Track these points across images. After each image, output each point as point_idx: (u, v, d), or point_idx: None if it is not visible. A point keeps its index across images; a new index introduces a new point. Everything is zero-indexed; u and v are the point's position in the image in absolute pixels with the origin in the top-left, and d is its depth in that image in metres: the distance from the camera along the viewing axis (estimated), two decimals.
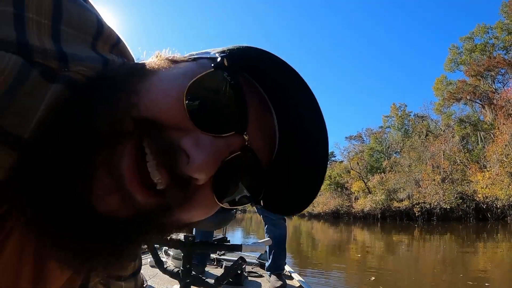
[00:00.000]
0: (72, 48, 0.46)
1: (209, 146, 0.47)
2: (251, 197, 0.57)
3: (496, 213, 33.25)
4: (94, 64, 0.48)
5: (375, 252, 12.89)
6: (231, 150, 0.50)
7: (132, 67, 0.54)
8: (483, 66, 42.75)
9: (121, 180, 0.43)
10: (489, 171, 33.58)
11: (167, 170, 0.45)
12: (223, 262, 4.26)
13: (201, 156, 0.45)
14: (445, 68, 50.21)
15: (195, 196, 0.50)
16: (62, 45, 0.45)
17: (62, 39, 0.46)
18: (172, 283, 2.88)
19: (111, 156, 0.43)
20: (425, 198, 38.97)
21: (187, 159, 0.45)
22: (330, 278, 7.72)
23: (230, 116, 0.50)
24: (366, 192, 51.35)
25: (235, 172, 0.52)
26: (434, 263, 9.98)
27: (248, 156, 0.52)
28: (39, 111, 0.41)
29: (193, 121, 0.47)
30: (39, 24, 0.44)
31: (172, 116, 0.46)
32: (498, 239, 18.04)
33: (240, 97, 0.50)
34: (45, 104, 0.42)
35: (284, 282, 3.65)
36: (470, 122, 44.21)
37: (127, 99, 0.45)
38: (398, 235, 21.54)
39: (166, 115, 0.46)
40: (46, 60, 0.43)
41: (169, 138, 0.46)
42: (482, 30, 45.71)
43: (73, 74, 0.45)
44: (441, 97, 49.29)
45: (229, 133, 0.49)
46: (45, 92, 0.42)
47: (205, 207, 0.53)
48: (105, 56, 0.52)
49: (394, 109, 60.35)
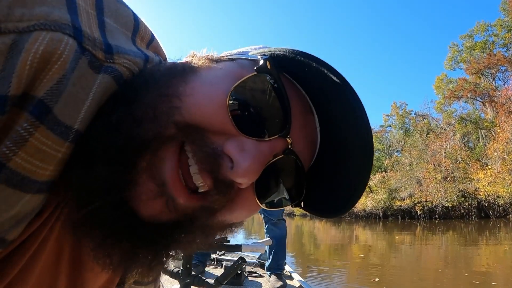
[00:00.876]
0: (116, 40, 0.46)
1: (254, 151, 0.46)
2: (292, 199, 0.57)
3: (498, 211, 33.17)
4: (137, 59, 0.48)
5: (378, 251, 12.87)
6: (275, 153, 0.50)
7: (172, 67, 0.52)
8: (484, 64, 42.64)
9: (164, 185, 0.44)
10: (491, 169, 33.48)
11: (211, 175, 0.45)
12: (223, 262, 4.27)
13: (246, 161, 0.45)
14: (446, 66, 50.13)
15: (237, 199, 0.50)
16: (108, 37, 0.44)
17: (107, 30, 0.45)
18: (172, 283, 2.89)
19: (153, 161, 0.44)
20: (427, 197, 38.84)
21: (231, 164, 0.45)
22: (332, 279, 7.71)
23: (273, 120, 0.49)
24: (368, 191, 51.19)
25: (278, 175, 0.53)
26: (437, 262, 9.97)
27: (291, 159, 0.52)
28: (87, 101, 0.40)
29: (237, 126, 0.46)
30: (87, 13, 0.43)
31: (215, 121, 0.46)
32: (501, 236, 18.00)
33: (283, 100, 0.49)
34: (93, 94, 0.41)
35: (284, 282, 3.65)
36: (471, 120, 44.08)
37: (170, 103, 0.45)
38: (400, 234, 21.49)
39: (209, 120, 0.46)
40: (95, 49, 0.42)
41: (213, 143, 0.46)
42: (482, 28, 45.59)
43: (118, 66, 0.44)
44: (442, 95, 49.18)
45: (273, 137, 0.49)
46: (92, 83, 0.41)
47: (247, 209, 0.53)
48: (145, 52, 0.51)
49: (395, 107, 60.23)
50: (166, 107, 0.44)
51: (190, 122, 0.45)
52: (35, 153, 0.37)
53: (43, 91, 0.36)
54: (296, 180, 0.55)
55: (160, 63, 0.54)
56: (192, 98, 0.46)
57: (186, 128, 0.45)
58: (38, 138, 0.37)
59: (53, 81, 0.37)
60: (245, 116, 0.48)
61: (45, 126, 0.37)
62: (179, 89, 0.46)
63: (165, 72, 0.50)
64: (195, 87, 0.47)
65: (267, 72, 0.49)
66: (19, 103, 0.36)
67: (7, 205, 0.37)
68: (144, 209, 0.44)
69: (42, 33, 0.36)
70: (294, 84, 0.54)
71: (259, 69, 0.49)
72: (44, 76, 0.36)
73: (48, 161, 0.39)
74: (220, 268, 4.18)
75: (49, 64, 0.36)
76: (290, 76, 0.54)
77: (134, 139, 0.42)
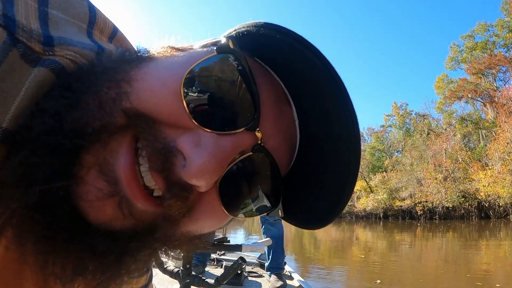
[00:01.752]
0: (62, 32, 0.41)
1: (211, 146, 0.39)
2: (266, 207, 0.48)
3: (498, 211, 33.18)
4: (86, 51, 0.42)
5: (378, 252, 12.87)
6: (241, 150, 0.42)
7: (126, 54, 0.46)
8: (484, 64, 42.67)
9: (116, 183, 0.37)
10: (491, 169, 33.54)
11: (162, 175, 0.38)
12: (223, 262, 4.28)
13: (200, 158, 0.38)
14: (446, 67, 50.13)
15: (199, 206, 0.43)
16: (50, 29, 0.40)
17: (49, 22, 0.40)
18: (172, 283, 2.90)
19: (104, 154, 0.38)
20: (427, 197, 38.91)
21: (184, 162, 0.38)
22: (333, 279, 7.71)
23: (238, 110, 0.42)
24: (368, 192, 51.25)
25: (247, 177, 0.45)
26: (438, 263, 9.96)
27: (262, 157, 0.44)
28: (18, 97, 0.36)
29: (193, 116, 0.40)
30: (26, 3, 0.39)
31: (168, 110, 0.39)
32: (501, 237, 18.00)
33: (249, 85, 0.42)
34: (26, 89, 0.36)
35: (284, 282, 3.66)
36: (472, 120, 44.11)
37: (118, 87, 0.39)
38: (400, 234, 21.51)
39: (161, 109, 0.39)
40: (30, 41, 0.37)
41: (165, 136, 0.39)
42: (482, 28, 45.61)
43: (60, 59, 0.39)
44: (443, 96, 49.21)
45: (238, 130, 0.41)
46: (25, 76, 0.36)
47: (213, 218, 0.45)
48: (101, 44, 0.46)
49: (395, 107, 60.25)
50: (113, 93, 0.38)
51: (140, 110, 0.38)
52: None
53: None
54: (271, 183, 0.47)
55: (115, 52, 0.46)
56: (143, 83, 0.40)
57: (137, 117, 0.38)
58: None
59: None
60: (203, 106, 0.41)
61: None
62: (130, 74, 0.40)
63: (117, 58, 0.44)
64: (147, 71, 0.41)
65: (229, 52, 0.43)
66: None
67: None
68: (93, 212, 0.37)
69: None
70: (265, 69, 0.47)
71: (219, 49, 0.43)
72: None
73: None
74: (220, 268, 4.19)
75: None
76: (261, 58, 0.47)
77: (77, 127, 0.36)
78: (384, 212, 45.58)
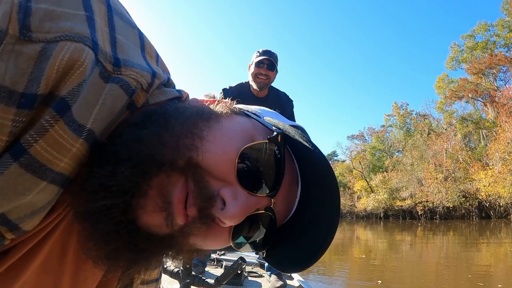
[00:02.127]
0: (126, 55, 0.51)
1: (244, 201, 0.54)
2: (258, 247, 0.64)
3: (499, 211, 33.19)
4: (144, 72, 0.53)
5: (378, 252, 12.87)
6: (258, 207, 0.58)
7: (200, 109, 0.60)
8: (485, 64, 42.61)
9: (170, 204, 0.50)
10: (492, 169, 33.51)
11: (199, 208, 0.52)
12: (223, 262, 4.27)
13: (236, 207, 0.52)
14: (447, 66, 50.00)
15: (213, 231, 0.56)
16: (117, 52, 0.50)
17: (118, 45, 0.51)
18: (172, 283, 2.90)
19: (166, 182, 0.51)
20: (428, 197, 38.95)
21: (222, 206, 0.53)
22: (333, 280, 7.70)
23: (267, 182, 0.57)
24: (369, 191, 51.33)
25: (254, 224, 0.60)
26: (439, 263, 9.94)
27: (269, 216, 0.59)
28: (97, 105, 0.46)
29: (238, 178, 0.54)
30: (102, 29, 0.48)
31: (222, 169, 0.54)
32: (502, 237, 17.99)
33: (280, 169, 0.58)
34: (103, 100, 0.46)
35: (284, 282, 3.65)
36: (472, 120, 44.07)
37: (193, 141, 0.52)
38: (401, 234, 21.50)
39: (217, 167, 0.53)
40: (105, 61, 0.47)
41: (211, 186, 0.53)
42: (483, 28, 45.53)
43: (125, 77, 0.49)
44: (443, 96, 49.08)
45: (262, 195, 0.57)
46: (102, 90, 0.46)
47: (218, 242, 0.60)
48: (153, 67, 0.56)
49: (396, 107, 60.17)
50: (188, 143, 0.52)
51: (201, 164, 0.52)
52: (53, 144, 0.42)
53: (65, 91, 0.42)
54: (267, 233, 0.62)
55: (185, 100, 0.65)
56: (211, 145, 0.53)
57: (195, 167, 0.52)
58: (57, 131, 0.42)
59: (74, 84, 0.42)
60: (246, 172, 0.55)
61: (63, 121, 0.42)
62: (203, 133, 0.54)
63: (193, 110, 0.58)
64: (216, 136, 0.55)
65: (276, 144, 0.58)
66: (45, 101, 0.41)
67: (24, 189, 0.42)
68: (145, 218, 0.50)
69: (67, 43, 0.42)
70: (291, 157, 0.63)
71: (270, 139, 0.58)
72: (68, 79, 0.42)
73: (64, 153, 0.44)
74: (220, 268, 4.18)
75: (73, 69, 0.42)
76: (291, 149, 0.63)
77: (155, 156, 0.49)
78: (384, 212, 45.68)
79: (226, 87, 3.74)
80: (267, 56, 3.65)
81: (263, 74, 3.59)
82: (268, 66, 3.64)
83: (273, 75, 3.69)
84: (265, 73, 3.59)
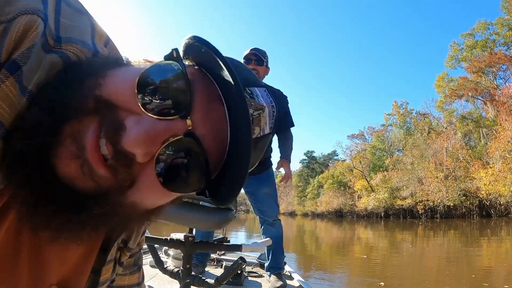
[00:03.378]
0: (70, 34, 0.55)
1: (148, 125, 0.50)
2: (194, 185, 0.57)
3: (499, 209, 33.19)
4: (85, 49, 0.56)
5: (380, 252, 12.86)
6: (173, 133, 0.52)
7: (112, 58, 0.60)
8: (485, 63, 42.59)
9: (83, 150, 0.48)
10: (492, 168, 33.51)
11: (111, 143, 0.49)
12: (223, 262, 4.26)
13: (136, 130, 0.49)
14: (446, 65, 49.96)
15: (142, 178, 0.52)
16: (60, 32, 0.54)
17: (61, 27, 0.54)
18: (172, 283, 2.90)
19: (78, 127, 0.48)
20: (428, 196, 38.94)
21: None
22: (334, 280, 7.70)
23: (175, 102, 0.52)
24: (369, 191, 51.33)
25: (177, 157, 0.53)
26: (441, 262, 9.94)
27: (190, 141, 0.53)
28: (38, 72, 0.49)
29: (141, 105, 0.51)
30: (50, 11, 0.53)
31: (124, 99, 0.51)
32: (502, 235, 17.99)
33: (184, 83, 0.53)
34: (42, 66, 0.50)
35: (284, 282, 3.65)
36: (472, 119, 44.03)
37: (97, 80, 0.51)
38: (402, 233, 21.50)
39: (120, 98, 0.51)
40: (49, 35, 0.51)
41: (119, 117, 0.50)
42: (482, 27, 45.52)
43: (66, 51, 0.53)
44: (443, 94, 49.01)
45: (172, 117, 0.52)
46: (42, 58, 0.50)
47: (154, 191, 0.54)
48: (97, 47, 0.60)
49: (396, 107, 60.13)
50: (92, 83, 0.51)
51: (106, 98, 0.50)
52: (4, 98, 0.45)
53: (17, 53, 0.46)
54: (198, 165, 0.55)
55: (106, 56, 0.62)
56: (112, 79, 0.52)
57: (104, 102, 0.50)
58: (7, 86, 0.45)
59: (25, 47, 0.47)
60: (148, 97, 0.51)
61: (14, 78, 0.46)
62: (107, 72, 0.53)
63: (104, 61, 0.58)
64: (118, 73, 0.54)
65: (173, 59, 0.56)
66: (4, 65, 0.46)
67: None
68: (61, 167, 0.48)
69: (23, 16, 0.47)
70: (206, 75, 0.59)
71: (166, 57, 0.57)
72: (21, 44, 0.47)
73: (13, 108, 0.46)
74: (220, 268, 4.17)
75: (26, 35, 0.47)
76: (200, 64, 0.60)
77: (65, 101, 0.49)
78: (385, 211, 45.68)
79: None
80: (254, 51, 3.69)
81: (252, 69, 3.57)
82: (256, 61, 3.67)
83: (262, 70, 3.72)
84: (253, 68, 3.59)
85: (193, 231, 2.52)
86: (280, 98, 3.83)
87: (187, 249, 2.34)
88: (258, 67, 3.66)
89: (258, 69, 3.66)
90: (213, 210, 2.25)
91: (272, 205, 3.88)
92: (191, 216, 2.20)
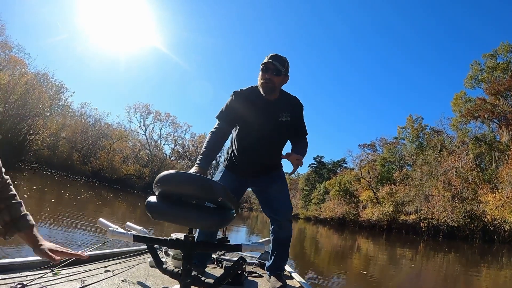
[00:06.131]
0: None
1: None
2: None
3: (503, 236, 32.73)
4: None
5: (378, 265, 12.85)
6: None
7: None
8: (504, 86, 41.93)
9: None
10: (500, 193, 33.08)
11: None
12: (223, 262, 4.30)
13: None
14: (465, 84, 49.23)
15: None
16: None
17: None
18: (172, 283, 2.95)
19: None
20: (433, 214, 38.53)
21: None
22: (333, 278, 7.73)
23: None
24: (375, 202, 50.99)
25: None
26: (438, 282, 9.93)
27: None
28: None
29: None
30: None
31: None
32: (503, 262, 17.81)
33: None
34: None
35: (284, 282, 3.65)
36: (486, 141, 43.43)
37: None
38: (402, 249, 21.40)
39: None
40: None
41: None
42: (505, 49, 44.82)
43: None
44: (459, 113, 48.32)
45: None
46: None
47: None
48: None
49: (410, 121, 59.48)
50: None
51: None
52: None
53: None
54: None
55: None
56: None
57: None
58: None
59: None
60: None
61: None
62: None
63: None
64: None
65: None
66: None
67: None
68: None
69: None
70: None
71: None
72: None
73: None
74: (220, 268, 4.22)
75: None
76: None
77: None
78: (388, 225, 45.34)
79: (237, 90, 3.68)
80: (272, 60, 3.44)
81: (267, 79, 3.42)
82: (273, 71, 3.41)
83: (278, 80, 3.46)
84: (269, 78, 3.39)
85: (193, 231, 2.58)
86: (295, 105, 3.74)
87: (187, 249, 2.38)
88: (275, 77, 3.47)
89: (274, 79, 3.46)
90: (213, 210, 2.29)
91: (285, 202, 3.79)
92: (191, 216, 2.23)
